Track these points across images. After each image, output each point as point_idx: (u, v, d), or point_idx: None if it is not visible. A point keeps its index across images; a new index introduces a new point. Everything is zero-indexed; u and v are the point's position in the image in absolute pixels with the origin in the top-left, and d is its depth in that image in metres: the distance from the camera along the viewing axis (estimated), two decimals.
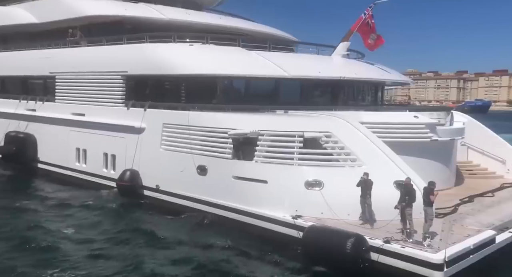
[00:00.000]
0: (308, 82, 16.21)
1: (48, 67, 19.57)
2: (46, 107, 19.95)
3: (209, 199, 13.57)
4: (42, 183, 18.81)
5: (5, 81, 23.60)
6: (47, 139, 20.02)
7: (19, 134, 20.67)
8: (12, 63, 22.16)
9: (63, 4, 20.18)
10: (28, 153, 20.39)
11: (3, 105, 22.32)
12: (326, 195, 11.59)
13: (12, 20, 22.37)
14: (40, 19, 21.18)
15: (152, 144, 15.20)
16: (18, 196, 16.59)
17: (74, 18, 19.43)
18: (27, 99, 20.89)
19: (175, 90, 15.85)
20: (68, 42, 19.58)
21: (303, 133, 12.58)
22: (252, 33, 21.25)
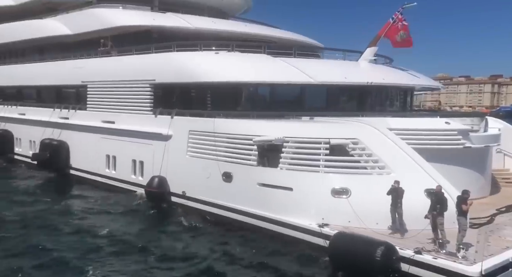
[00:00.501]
0: (334, 88, 16.02)
1: (80, 76, 20.29)
2: (78, 115, 20.65)
3: (234, 206, 13.55)
4: (74, 188, 19.39)
5: (41, 90, 24.66)
6: (79, 146, 20.68)
7: (52, 141, 21.45)
8: (47, 73, 23.13)
9: (95, 15, 20.95)
10: (61, 160, 21.10)
11: (38, 113, 23.29)
12: (353, 203, 11.33)
13: (47, 32, 23.40)
14: (73, 31, 22.06)
15: (178, 151, 15.39)
16: (52, 201, 17.20)
17: (105, 29, 20.10)
18: (60, 107, 21.70)
19: (201, 97, 16.04)
20: (99, 52, 20.26)
21: (329, 139, 12.39)
22: (277, 40, 21.30)
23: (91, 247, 11.94)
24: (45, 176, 21.44)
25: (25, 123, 24.38)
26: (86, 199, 17.36)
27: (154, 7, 22.25)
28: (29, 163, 22.90)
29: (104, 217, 14.84)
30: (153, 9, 22.08)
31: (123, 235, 12.92)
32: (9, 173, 23.05)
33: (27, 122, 24.14)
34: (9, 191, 18.65)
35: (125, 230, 13.40)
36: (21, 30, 25.60)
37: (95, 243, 12.22)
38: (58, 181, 20.67)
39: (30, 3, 26.00)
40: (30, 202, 16.84)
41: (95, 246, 12.01)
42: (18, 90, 26.47)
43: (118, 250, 11.79)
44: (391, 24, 17.76)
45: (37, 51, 26.35)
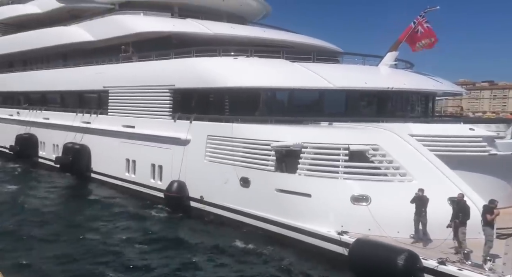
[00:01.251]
0: (354, 93, 15.81)
1: (102, 81, 20.70)
2: (99, 119, 21.04)
3: (252, 211, 13.49)
4: (94, 192, 19.72)
5: (65, 95, 25.28)
6: (100, 150, 21.04)
7: (75, 145, 21.89)
8: (70, 78, 23.71)
9: (116, 22, 21.38)
10: (82, 163, 21.50)
11: (62, 117, 23.86)
12: (373, 211, 11.09)
13: (71, 39, 24.02)
14: (96, 37, 22.56)
15: (196, 155, 15.46)
16: (74, 203, 17.57)
17: (126, 35, 20.47)
18: (83, 112, 22.17)
19: (219, 102, 16.10)
20: (120, 58, 20.64)
21: (348, 145, 12.20)
22: (296, 45, 21.24)
23: (107, 250, 12.05)
24: (67, 179, 21.89)
25: (49, 127, 25.00)
26: (105, 203, 17.62)
27: (174, 14, 22.56)
28: (52, 166, 23.46)
29: (123, 221, 14.99)
30: (173, 15, 22.39)
31: (141, 238, 13.01)
32: (33, 175, 23.64)
33: (51, 126, 24.75)
34: (33, 193, 19.12)
35: (144, 234, 13.50)
36: (46, 36, 26.37)
37: (112, 247, 12.34)
38: (79, 184, 21.06)
39: (55, 11, 26.78)
40: (51, 204, 17.21)
41: (111, 250, 12.10)
42: (43, 95, 27.21)
43: (136, 253, 11.88)
44: (412, 29, 17.46)
45: (61, 57, 27.08)
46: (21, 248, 12.09)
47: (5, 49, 31.23)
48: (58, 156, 22.58)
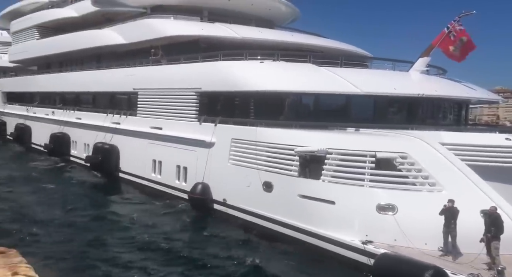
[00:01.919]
0: (382, 99, 15.41)
1: (132, 83, 21.19)
2: (128, 120, 21.52)
3: (274, 216, 13.35)
4: (121, 191, 20.18)
5: (97, 96, 26.10)
6: (128, 150, 21.51)
7: (104, 145, 22.50)
8: (102, 80, 24.45)
9: (147, 25, 21.85)
10: (111, 163, 22.05)
11: (93, 118, 24.60)
12: (400, 221, 10.72)
13: (104, 41, 24.77)
14: (127, 40, 23.15)
15: (221, 158, 15.50)
16: (100, 201, 18.04)
17: (156, 38, 20.87)
18: (113, 113, 22.77)
19: (244, 106, 16.10)
20: (150, 61, 21.08)
21: (375, 153, 11.88)
22: (323, 49, 20.99)
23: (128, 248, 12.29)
24: (96, 178, 22.52)
25: (81, 127, 25.84)
26: (132, 202, 17.98)
27: (204, 18, 22.84)
28: (82, 164, 24.22)
29: (147, 220, 15.22)
30: (203, 19, 22.66)
31: (165, 240, 13.15)
32: (65, 173, 24.51)
33: (83, 126, 25.57)
34: (64, 190, 19.77)
35: (167, 235, 13.64)
36: (81, 39, 27.33)
37: (137, 246, 12.55)
38: (107, 183, 21.60)
39: (90, 14, 27.72)
40: (80, 202, 17.72)
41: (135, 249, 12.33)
42: (76, 96, 28.19)
43: (159, 254, 12.00)
44: (446, 34, 16.86)
45: (95, 59, 27.98)
46: (50, 242, 12.50)
47: (44, 51, 32.64)
48: (88, 155, 23.28)
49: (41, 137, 30.33)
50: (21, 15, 37.53)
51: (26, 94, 36.16)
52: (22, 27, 36.80)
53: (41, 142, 29.90)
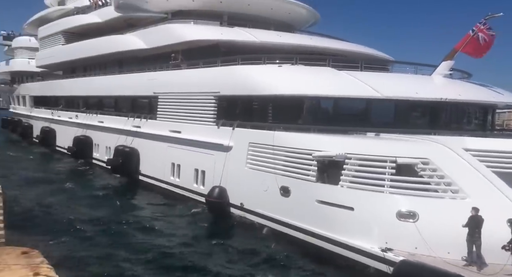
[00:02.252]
0: (404, 103, 15.06)
1: (152, 87, 21.49)
2: (149, 124, 21.81)
3: (291, 221, 13.20)
4: (141, 193, 20.43)
5: (118, 100, 26.61)
6: (148, 154, 21.78)
7: (125, 148, 22.87)
8: (124, 84, 24.92)
9: (168, 30, 22.16)
10: (132, 166, 22.36)
11: (115, 121, 25.07)
12: (421, 229, 10.39)
13: (126, 46, 25.27)
14: (148, 45, 23.54)
15: (238, 162, 15.47)
16: (119, 204, 18.30)
17: (176, 43, 21.13)
18: (134, 116, 23.15)
19: (262, 110, 16.05)
20: (170, 65, 21.35)
21: (395, 158, 11.59)
22: (343, 52, 20.77)
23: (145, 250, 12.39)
24: (117, 180, 22.90)
25: (103, 130, 26.37)
26: (151, 205, 18.16)
27: (223, 22, 23.01)
28: (104, 167, 24.68)
29: (165, 224, 15.33)
30: (222, 24, 22.83)
31: (181, 243, 13.22)
32: (87, 175, 25.04)
33: (105, 129, 26.09)
34: (86, 192, 20.18)
35: (184, 238, 13.71)
36: (104, 44, 28.00)
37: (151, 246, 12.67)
38: (128, 186, 21.91)
39: (113, 20, 28.39)
40: (100, 204, 18.02)
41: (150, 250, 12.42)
42: (99, 100, 28.83)
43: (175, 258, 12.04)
44: (471, 37, 16.37)
45: (117, 64, 28.58)
46: (70, 244, 12.73)
47: (69, 56, 33.63)
48: (109, 158, 23.69)
49: (65, 140, 31.13)
50: (48, 22, 38.84)
51: (52, 98, 37.28)
52: (48, 33, 38.06)
53: (65, 145, 30.67)
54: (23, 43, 48.70)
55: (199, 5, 22.84)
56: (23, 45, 48.54)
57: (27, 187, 20.42)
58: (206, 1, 22.64)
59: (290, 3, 24.03)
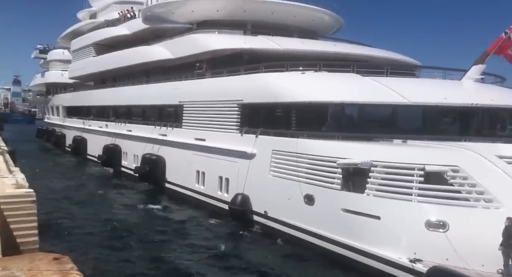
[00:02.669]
0: (432, 109, 14.60)
1: (178, 97, 21.88)
2: (174, 132, 22.18)
3: (316, 230, 13.00)
4: (167, 201, 20.67)
5: (146, 109, 27.24)
6: (173, 161, 22.11)
7: (152, 156, 23.32)
8: (151, 93, 25.51)
9: (192, 40, 22.58)
10: (158, 173, 22.76)
11: (142, 130, 25.66)
12: (452, 239, 9.98)
13: (153, 57, 25.92)
14: (174, 55, 24.05)
15: (261, 169, 15.42)
16: (148, 211, 18.62)
17: (201, 53, 21.47)
18: (160, 125, 23.61)
19: (285, 117, 15.98)
20: (195, 74, 21.69)
21: (424, 165, 11.21)
22: (368, 58, 20.44)
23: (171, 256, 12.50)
24: (144, 188, 23.33)
25: (131, 139, 27.03)
26: (176, 212, 18.35)
27: (247, 31, 23.20)
28: (132, 175, 25.23)
29: (191, 231, 15.45)
30: (246, 32, 23.02)
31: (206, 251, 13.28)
32: (116, 183, 25.65)
33: (133, 138, 26.74)
34: (114, 200, 20.69)
35: (208, 246, 13.76)
36: (132, 55, 28.84)
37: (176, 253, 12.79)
38: (154, 193, 22.25)
39: (141, 32, 29.27)
40: (129, 212, 18.41)
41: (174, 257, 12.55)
42: (128, 109, 29.62)
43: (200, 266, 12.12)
44: (504, 40, 15.72)
45: (144, 74, 29.35)
46: (99, 250, 13.02)
47: (99, 67, 34.86)
48: (137, 166, 24.21)
49: (95, 149, 32.12)
50: (80, 35, 40.53)
51: (83, 108, 38.67)
52: (80, 45, 39.66)
53: (95, 153, 31.64)
54: (57, 55, 50.97)
55: (223, 15, 23.16)
56: (57, 57, 50.80)
57: (59, 195, 21.12)
58: (230, 10, 22.93)
59: (313, 10, 23.97)
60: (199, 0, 24.60)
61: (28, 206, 9.94)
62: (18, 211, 9.76)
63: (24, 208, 9.87)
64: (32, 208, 9.96)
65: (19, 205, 9.86)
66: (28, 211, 9.89)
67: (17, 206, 9.82)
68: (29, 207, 9.96)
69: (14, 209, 9.74)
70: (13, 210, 9.69)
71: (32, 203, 10.03)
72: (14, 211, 9.69)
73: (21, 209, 9.83)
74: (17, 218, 9.62)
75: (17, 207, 9.81)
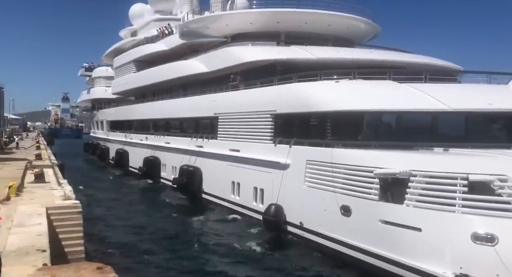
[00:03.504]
0: (475, 115, 13.87)
1: (213, 109, 22.29)
2: (210, 143, 22.56)
3: (353, 242, 12.62)
4: (205, 211, 20.86)
5: (183, 122, 27.96)
6: (210, 172, 22.44)
7: (189, 167, 23.81)
8: (187, 106, 26.18)
9: (226, 53, 23.01)
10: (195, 184, 23.19)
11: (180, 142, 26.32)
12: (502, 254, 9.32)
13: (190, 71, 26.68)
14: (209, 68, 24.60)
15: (296, 180, 15.26)
16: (186, 221, 18.93)
17: (235, 65, 21.82)
18: (197, 137, 24.10)
19: (320, 127, 15.77)
20: (229, 86, 22.03)
21: (467, 175, 10.60)
22: (406, 64, 19.83)
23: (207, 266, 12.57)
24: (182, 199, 23.76)
25: (169, 151, 27.78)
26: (214, 223, 18.51)
27: (280, 42, 23.33)
28: (170, 186, 25.83)
29: (228, 242, 15.49)
30: (279, 43, 23.15)
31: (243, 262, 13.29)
32: (155, 194, 26.37)
33: (171, 150, 27.47)
34: (154, 211, 21.21)
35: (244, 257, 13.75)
36: (170, 70, 29.86)
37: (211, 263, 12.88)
38: (192, 204, 22.59)
39: (178, 47, 30.28)
40: (167, 222, 18.77)
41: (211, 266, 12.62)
42: (166, 122, 30.57)
43: None
44: None
45: (181, 88, 30.21)
46: (139, 260, 13.34)
47: (139, 83, 36.34)
48: (175, 177, 24.79)
49: (136, 161, 33.29)
50: (122, 52, 42.58)
51: (125, 122, 40.33)
52: (122, 62, 41.61)
53: (136, 165, 32.77)
54: (101, 73, 53.78)
55: (257, 27, 23.47)
56: (101, 74, 53.61)
57: (103, 206, 21.98)
58: (263, 22, 23.20)
59: (348, 18, 23.72)
60: (233, 14, 25.18)
61: (74, 217, 10.47)
62: (66, 221, 10.30)
63: (71, 219, 10.39)
64: (78, 219, 10.47)
65: (67, 216, 10.40)
66: (74, 221, 10.40)
67: (65, 217, 10.38)
68: (76, 217, 10.48)
69: (62, 219, 10.29)
70: (61, 220, 10.24)
71: (78, 214, 10.55)
72: (62, 221, 10.23)
73: (69, 219, 10.36)
74: (65, 228, 10.15)
75: (65, 217, 10.35)
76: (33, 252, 6.74)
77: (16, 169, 17.92)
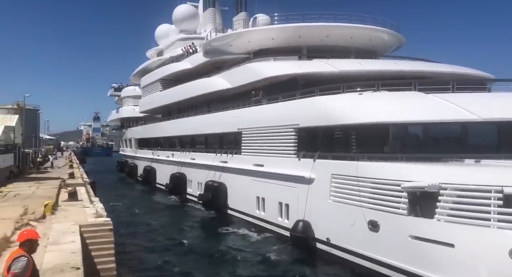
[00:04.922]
0: (508, 125, 13.28)
1: (236, 124, 22.42)
2: (234, 159, 22.60)
3: (382, 258, 12.21)
4: (230, 227, 20.75)
5: (208, 138, 28.23)
6: (234, 188, 22.43)
7: (214, 183, 23.89)
8: (211, 122, 26.47)
9: (249, 69, 23.21)
10: (220, 200, 23.22)
11: (205, 158, 26.52)
12: None
13: (213, 88, 27.08)
14: (232, 84, 24.88)
15: (321, 195, 15.00)
16: (212, 236, 18.90)
17: (257, 81, 21.96)
18: (221, 152, 24.22)
19: (344, 140, 15.54)
20: (252, 102, 22.14)
21: (502, 187, 10.10)
22: (431, 74, 19.33)
23: None
24: (208, 214, 23.82)
25: (195, 167, 28.03)
26: (239, 238, 18.40)
27: (302, 56, 23.34)
28: (196, 201, 25.95)
29: (253, 258, 15.31)
30: (301, 57, 23.16)
31: None
32: (181, 210, 26.57)
33: (196, 166, 27.71)
34: (182, 226, 21.35)
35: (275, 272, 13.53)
36: (194, 87, 30.40)
37: None
38: (217, 220, 22.58)
39: (202, 65, 30.89)
40: (193, 238, 18.83)
41: None
42: (192, 138, 30.95)
43: None
44: None
45: (206, 104, 30.63)
46: (168, 274, 13.40)
47: (165, 101, 37.16)
48: (201, 193, 24.91)
49: (163, 177, 33.76)
50: (149, 72, 43.84)
51: (152, 140, 41.13)
52: (149, 82, 42.79)
53: (163, 182, 33.20)
54: (129, 92, 55.43)
55: (278, 42, 23.65)
56: (129, 94, 55.24)
57: (131, 223, 22.29)
58: (285, 38, 23.35)
59: (370, 29, 23.52)
60: (255, 31, 25.51)
61: (106, 234, 10.68)
62: (98, 238, 10.53)
63: (103, 236, 10.62)
64: (109, 236, 10.68)
65: (99, 233, 10.64)
66: (106, 238, 10.61)
67: (97, 234, 10.61)
68: (107, 235, 10.69)
69: (95, 237, 10.53)
70: (94, 238, 10.48)
71: (109, 231, 10.76)
72: (94, 238, 10.47)
73: (100, 236, 10.59)
74: (97, 246, 10.37)
75: (97, 235, 10.59)
76: (68, 269, 6.95)
77: (51, 188, 18.60)
